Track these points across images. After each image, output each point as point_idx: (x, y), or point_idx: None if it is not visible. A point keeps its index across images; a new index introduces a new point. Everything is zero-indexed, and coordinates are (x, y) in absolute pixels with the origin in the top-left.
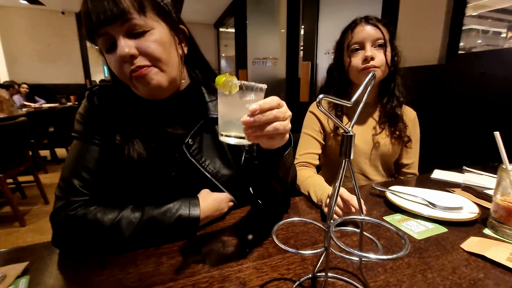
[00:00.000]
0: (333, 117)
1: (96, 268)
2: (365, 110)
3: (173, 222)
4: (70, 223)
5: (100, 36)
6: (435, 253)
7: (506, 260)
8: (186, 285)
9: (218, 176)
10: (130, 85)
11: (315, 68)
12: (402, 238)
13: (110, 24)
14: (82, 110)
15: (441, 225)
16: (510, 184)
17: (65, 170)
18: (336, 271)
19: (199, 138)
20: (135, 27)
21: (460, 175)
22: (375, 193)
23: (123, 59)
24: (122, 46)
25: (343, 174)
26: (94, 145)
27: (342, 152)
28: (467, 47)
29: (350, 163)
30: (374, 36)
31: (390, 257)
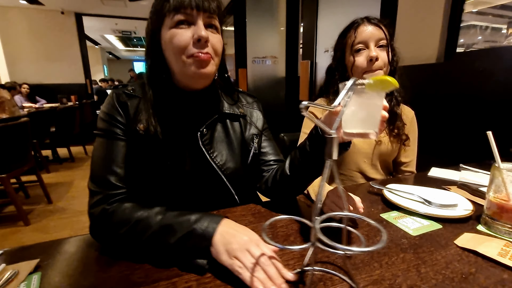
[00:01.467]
0: (316, 121)
1: (104, 264)
2: None
3: (185, 234)
4: (105, 216)
5: (182, 13)
6: (429, 249)
7: (497, 255)
8: (190, 280)
9: (223, 168)
10: (180, 63)
11: (314, 66)
12: (381, 231)
13: (200, 10)
14: (105, 108)
15: (436, 222)
16: (503, 182)
17: (96, 166)
18: (327, 265)
19: (211, 130)
20: (212, 23)
21: (457, 172)
22: (373, 191)
23: (199, 39)
24: (201, 28)
25: (329, 174)
26: (119, 140)
27: (326, 153)
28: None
29: (334, 164)
30: (377, 36)
31: (367, 249)
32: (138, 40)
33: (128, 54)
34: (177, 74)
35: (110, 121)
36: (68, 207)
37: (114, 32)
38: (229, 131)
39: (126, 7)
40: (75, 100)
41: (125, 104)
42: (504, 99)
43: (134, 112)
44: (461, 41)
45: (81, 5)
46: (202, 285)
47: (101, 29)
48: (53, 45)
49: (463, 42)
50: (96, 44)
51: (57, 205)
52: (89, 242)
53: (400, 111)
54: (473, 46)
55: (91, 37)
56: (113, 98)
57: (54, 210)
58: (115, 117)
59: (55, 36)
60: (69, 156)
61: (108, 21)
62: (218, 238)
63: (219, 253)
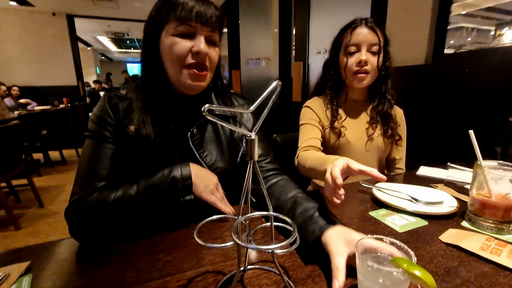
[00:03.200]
0: (229, 125)
1: (96, 266)
2: (357, 108)
3: (168, 184)
4: (80, 213)
5: (185, 24)
6: (415, 245)
7: (479, 249)
8: (181, 279)
9: (213, 168)
10: (176, 70)
11: (307, 68)
12: (292, 226)
13: (203, 24)
14: (96, 111)
15: (422, 219)
16: (484, 179)
17: (81, 167)
18: (270, 264)
19: (202, 131)
20: (212, 38)
21: (445, 171)
22: (363, 190)
23: (198, 52)
24: (202, 43)
25: (250, 175)
26: (107, 143)
27: (247, 155)
28: (457, 45)
29: (255, 165)
30: (371, 41)
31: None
32: (131, 42)
33: (121, 56)
34: (173, 81)
35: (100, 123)
36: (60, 210)
37: (107, 34)
38: (219, 132)
39: (119, 9)
40: (67, 102)
41: (116, 106)
42: (490, 100)
43: (125, 114)
44: (451, 42)
45: (73, 7)
46: (194, 283)
47: (93, 31)
48: (44, 47)
49: (453, 44)
50: (88, 45)
51: (49, 209)
52: (80, 244)
53: (393, 113)
54: (463, 48)
55: (83, 38)
56: (104, 101)
57: (45, 214)
58: (105, 120)
59: (46, 37)
60: (61, 159)
61: (101, 22)
62: (195, 177)
63: (201, 191)
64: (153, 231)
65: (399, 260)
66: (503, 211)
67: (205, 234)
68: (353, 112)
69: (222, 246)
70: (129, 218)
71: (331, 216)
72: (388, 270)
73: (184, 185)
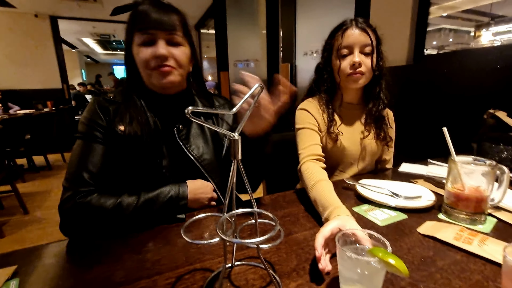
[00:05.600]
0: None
1: (84, 267)
2: (351, 112)
3: (166, 201)
4: (77, 210)
5: (145, 33)
6: (394, 237)
7: (453, 239)
8: (170, 277)
9: (200, 160)
10: (146, 74)
11: (294, 69)
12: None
13: (161, 30)
14: (86, 113)
15: (402, 213)
16: (458, 173)
17: (71, 165)
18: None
19: (188, 127)
20: (175, 40)
21: (425, 167)
22: (347, 187)
23: (157, 56)
24: (160, 46)
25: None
26: (98, 143)
27: (231, 154)
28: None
29: (239, 164)
30: (363, 42)
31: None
32: (117, 44)
33: (107, 58)
34: (147, 85)
35: (90, 125)
36: (46, 216)
37: (92, 36)
38: (204, 127)
39: (104, 10)
40: (51, 105)
41: (106, 108)
42: (468, 99)
43: (114, 115)
44: (434, 43)
45: (56, 8)
46: (182, 280)
47: (78, 32)
48: (27, 49)
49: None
50: (73, 47)
51: (34, 215)
52: (68, 247)
53: (386, 115)
54: (445, 48)
55: (67, 40)
56: (94, 104)
57: (30, 220)
58: (95, 121)
59: (28, 39)
60: (46, 164)
61: (85, 24)
62: (191, 195)
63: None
64: (142, 231)
65: (376, 250)
66: (475, 203)
67: (195, 233)
68: (348, 116)
69: (209, 243)
70: (123, 225)
71: None
72: (365, 260)
73: (180, 205)
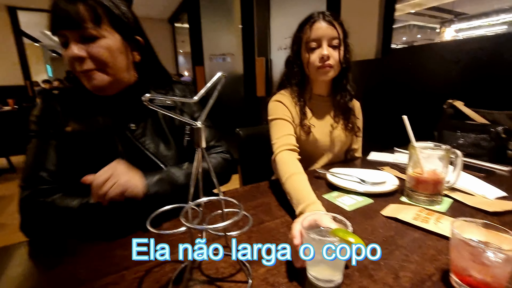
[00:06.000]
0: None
1: (48, 266)
2: (321, 104)
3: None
4: (38, 209)
5: (59, 35)
6: (360, 220)
7: (412, 219)
8: (139, 271)
9: (160, 156)
10: (80, 78)
11: (269, 63)
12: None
13: (67, 29)
14: (36, 112)
15: (369, 198)
16: (417, 159)
17: (28, 164)
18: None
19: (143, 124)
20: (87, 34)
21: (392, 155)
22: (318, 176)
23: (73, 59)
24: (72, 48)
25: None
26: (51, 140)
27: (195, 143)
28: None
29: (203, 152)
30: (330, 35)
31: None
32: None
33: None
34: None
35: (41, 123)
36: (9, 222)
37: None
38: (160, 123)
39: None
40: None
41: (53, 107)
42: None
43: (63, 113)
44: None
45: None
46: (152, 273)
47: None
48: None
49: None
50: (37, 41)
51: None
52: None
53: (353, 106)
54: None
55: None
56: (43, 102)
57: None
58: (46, 119)
59: None
60: (9, 166)
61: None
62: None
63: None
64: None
65: (337, 231)
66: (433, 185)
67: (169, 227)
68: (319, 109)
69: (174, 232)
70: (89, 226)
71: None
72: (327, 239)
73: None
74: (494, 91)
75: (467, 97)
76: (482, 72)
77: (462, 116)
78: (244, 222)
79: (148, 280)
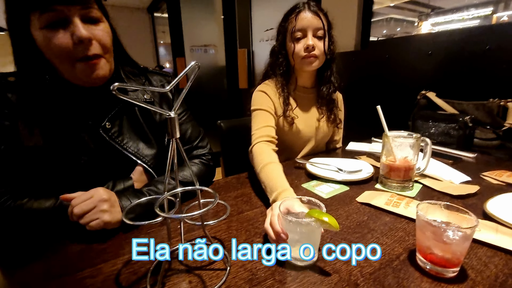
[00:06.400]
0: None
1: (21, 263)
2: (306, 95)
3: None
4: (5, 214)
5: (50, 10)
6: (336, 207)
7: (384, 204)
8: (116, 264)
9: (141, 156)
10: (67, 67)
11: (251, 55)
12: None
13: (69, 4)
14: None
15: (345, 185)
16: (390, 147)
17: None
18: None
19: (118, 121)
20: (90, 15)
21: (369, 144)
22: (298, 166)
23: (79, 41)
24: (79, 28)
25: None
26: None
27: (168, 133)
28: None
29: (177, 142)
30: (316, 25)
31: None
32: None
33: None
34: (67, 77)
35: None
36: None
37: None
38: (139, 118)
39: None
40: None
41: (6, 98)
42: (406, 80)
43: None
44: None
45: None
46: (130, 265)
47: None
48: None
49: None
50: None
51: None
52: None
53: (336, 98)
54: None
55: None
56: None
57: None
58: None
59: None
60: None
61: None
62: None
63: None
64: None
65: (312, 212)
66: (404, 172)
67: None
68: (303, 100)
69: (150, 222)
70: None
71: None
72: (303, 221)
73: None
74: (463, 82)
75: (439, 88)
76: (452, 64)
77: (435, 106)
78: (224, 213)
79: (126, 272)
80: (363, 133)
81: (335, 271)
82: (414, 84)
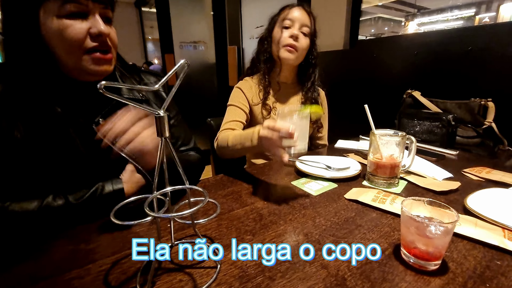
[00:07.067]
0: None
1: (6, 265)
2: (287, 91)
3: (102, 202)
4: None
5: (75, 2)
6: (324, 204)
7: (371, 200)
8: (105, 264)
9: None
10: (75, 57)
11: (241, 52)
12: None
13: (96, 2)
14: None
15: (334, 182)
16: (377, 144)
17: None
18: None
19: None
20: (108, 15)
21: (357, 142)
22: (288, 164)
23: (99, 35)
24: (99, 23)
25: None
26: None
27: (158, 132)
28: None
29: (167, 141)
30: (304, 21)
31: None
32: None
33: None
34: (70, 69)
35: None
36: None
37: None
38: None
39: None
40: None
41: None
42: (393, 79)
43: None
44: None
45: None
46: (118, 265)
47: None
48: None
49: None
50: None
51: None
52: None
53: (320, 100)
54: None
55: None
56: None
57: None
58: None
59: None
60: None
61: None
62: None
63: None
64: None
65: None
66: (390, 169)
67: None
68: (283, 95)
69: (140, 222)
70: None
71: None
72: (296, 108)
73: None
74: (447, 81)
75: (424, 87)
76: (437, 63)
77: (420, 105)
78: (214, 211)
79: (115, 272)
80: (352, 130)
81: (323, 267)
82: (400, 83)
